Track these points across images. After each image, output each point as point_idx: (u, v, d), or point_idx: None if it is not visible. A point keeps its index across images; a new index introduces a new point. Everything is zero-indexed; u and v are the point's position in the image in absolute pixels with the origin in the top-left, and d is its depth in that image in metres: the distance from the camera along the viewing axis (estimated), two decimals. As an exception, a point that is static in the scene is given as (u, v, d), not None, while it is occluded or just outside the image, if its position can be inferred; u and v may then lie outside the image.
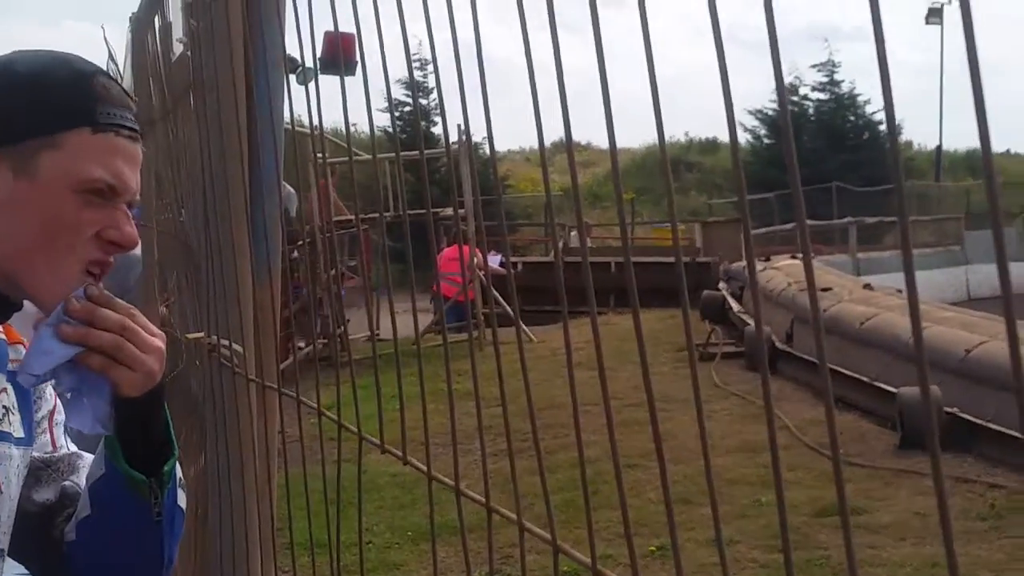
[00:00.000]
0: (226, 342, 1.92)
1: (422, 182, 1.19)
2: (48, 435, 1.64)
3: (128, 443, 1.51)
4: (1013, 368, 0.47)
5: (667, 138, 0.75)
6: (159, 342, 1.51)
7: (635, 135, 33.83)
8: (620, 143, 0.78)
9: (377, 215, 10.99)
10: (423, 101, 30.19)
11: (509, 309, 11.33)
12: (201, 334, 2.14)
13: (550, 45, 0.83)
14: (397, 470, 7.23)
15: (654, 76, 0.67)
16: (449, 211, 13.89)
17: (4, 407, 1.51)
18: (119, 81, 1.54)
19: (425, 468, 1.15)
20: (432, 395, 1.12)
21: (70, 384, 1.45)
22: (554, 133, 0.93)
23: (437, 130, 27.09)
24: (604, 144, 0.80)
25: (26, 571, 1.65)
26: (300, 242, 10.56)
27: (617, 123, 0.79)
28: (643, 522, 5.70)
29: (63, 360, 1.43)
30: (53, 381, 1.47)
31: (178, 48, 2.89)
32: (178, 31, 2.91)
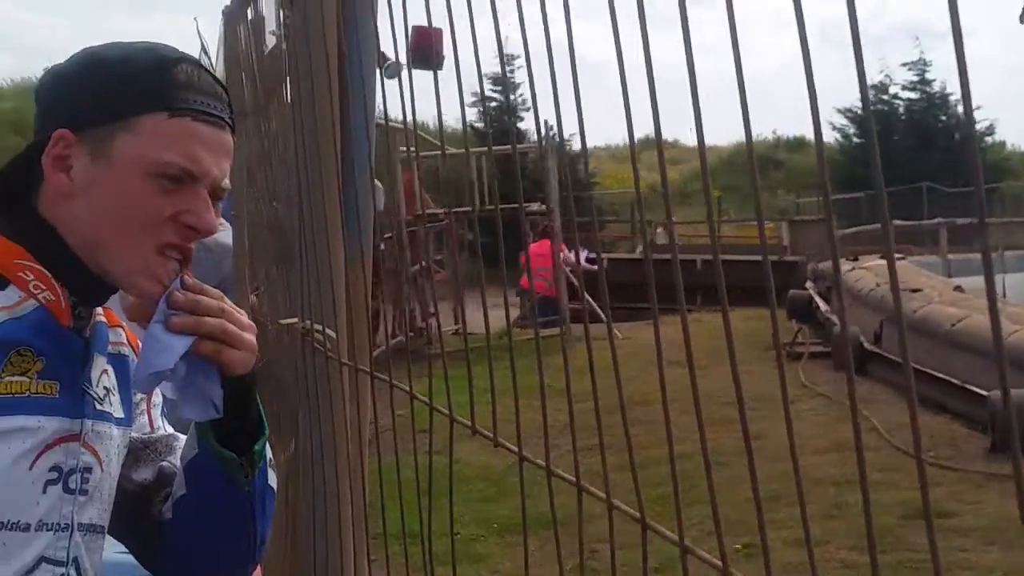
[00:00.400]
0: (319, 326, 1.96)
1: (514, 179, 1.19)
2: (146, 416, 1.68)
3: (218, 423, 1.53)
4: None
5: (755, 136, 0.76)
6: (249, 320, 1.55)
7: (723, 133, 33.49)
8: (707, 141, 0.78)
9: (464, 209, 11.06)
10: (511, 96, 30.18)
11: (595, 306, 11.32)
12: (295, 320, 2.18)
13: (639, 42, 0.84)
14: (485, 462, 7.23)
15: (741, 75, 0.68)
16: (536, 206, 13.91)
17: (105, 388, 1.55)
18: (211, 70, 1.55)
19: (516, 449, 1.15)
20: (521, 389, 1.12)
21: (183, 374, 1.46)
22: (641, 130, 0.93)
23: (522, 125, 27.09)
24: (692, 141, 0.80)
25: (124, 549, 1.70)
26: (387, 235, 10.64)
27: (704, 121, 0.79)
28: (732, 519, 5.64)
29: (184, 351, 1.44)
30: (167, 377, 1.46)
31: (270, 41, 2.92)
32: (271, 24, 2.95)
